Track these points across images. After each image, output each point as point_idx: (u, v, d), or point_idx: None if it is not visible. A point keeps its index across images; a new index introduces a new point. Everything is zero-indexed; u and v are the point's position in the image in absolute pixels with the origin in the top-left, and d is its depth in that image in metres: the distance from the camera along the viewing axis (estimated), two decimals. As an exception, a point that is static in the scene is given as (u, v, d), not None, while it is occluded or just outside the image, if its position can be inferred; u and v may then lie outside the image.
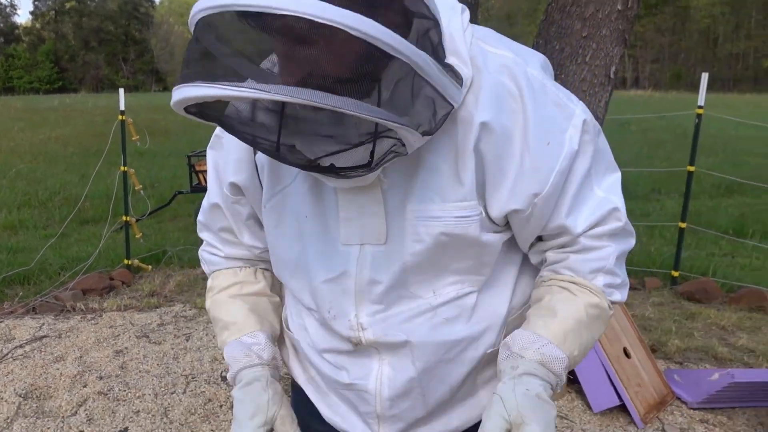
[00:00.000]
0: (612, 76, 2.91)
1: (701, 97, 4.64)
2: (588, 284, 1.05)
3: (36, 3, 79.88)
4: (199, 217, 1.26)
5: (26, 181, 9.91)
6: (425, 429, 1.12)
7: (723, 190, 8.71)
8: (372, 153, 0.83)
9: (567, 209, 1.01)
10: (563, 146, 0.97)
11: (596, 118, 2.93)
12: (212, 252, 1.27)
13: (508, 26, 63.94)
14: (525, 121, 0.95)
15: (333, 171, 0.84)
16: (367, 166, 0.84)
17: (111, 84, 74.40)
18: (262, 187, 1.08)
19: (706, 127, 16.57)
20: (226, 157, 1.13)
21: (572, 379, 3.10)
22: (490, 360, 1.09)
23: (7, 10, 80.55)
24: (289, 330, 1.23)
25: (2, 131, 17.93)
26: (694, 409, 3.05)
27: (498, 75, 0.94)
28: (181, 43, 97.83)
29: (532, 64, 0.99)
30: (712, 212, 7.34)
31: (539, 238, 1.07)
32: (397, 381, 1.06)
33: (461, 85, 0.88)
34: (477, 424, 1.00)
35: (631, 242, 1.10)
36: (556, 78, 2.79)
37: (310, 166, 0.85)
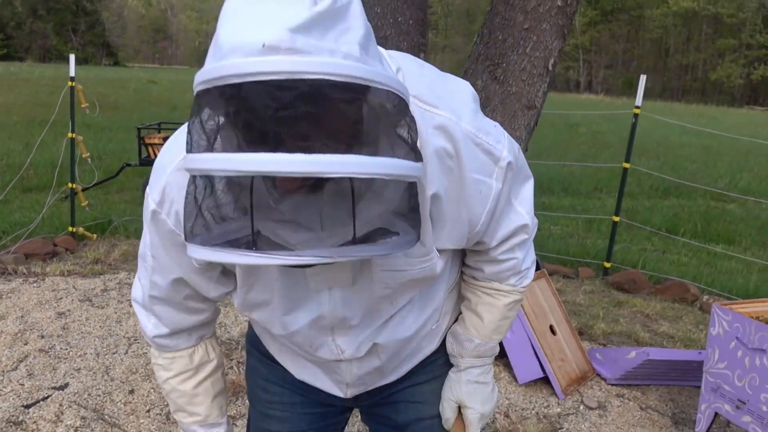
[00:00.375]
0: (550, 68, 3.08)
1: (639, 98, 4.87)
2: (503, 287, 1.24)
3: (-17, -34, 76.71)
4: (151, 293, 1.17)
5: (-33, 147, 9.66)
6: (383, 383, 1.30)
7: (661, 192, 9.08)
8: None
9: (489, 230, 1.14)
10: (491, 189, 1.08)
11: (534, 107, 3.10)
12: (162, 334, 1.23)
13: (468, 23, 64.41)
14: (461, 178, 1.02)
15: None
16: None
17: (59, 54, 72.01)
18: None
19: (651, 133, 17.19)
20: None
21: (500, 353, 3.28)
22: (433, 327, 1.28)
23: (-48, -29, 77.31)
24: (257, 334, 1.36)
25: (-57, 97, 17.37)
26: (613, 384, 3.27)
27: (437, 139, 0.98)
28: (134, 17, 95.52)
29: (465, 115, 1.02)
30: (649, 211, 7.67)
31: None
32: (364, 368, 1.23)
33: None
34: (421, 363, 1.31)
35: (532, 243, 1.26)
36: (497, 68, 2.94)
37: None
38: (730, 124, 24.59)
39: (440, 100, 1.01)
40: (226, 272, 1.14)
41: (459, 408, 1.31)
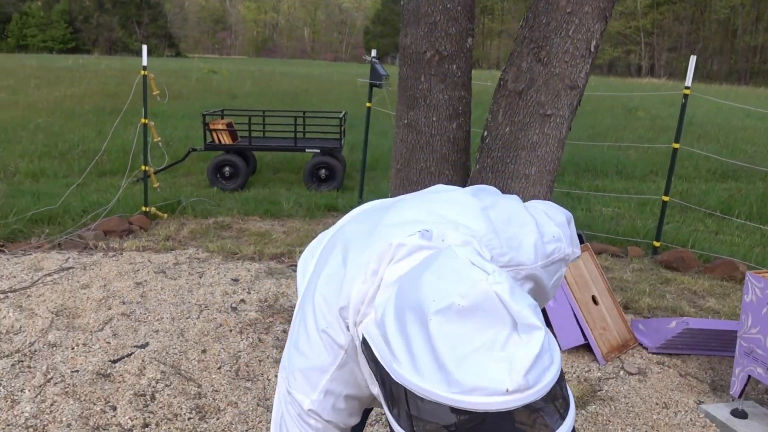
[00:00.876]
0: (592, 50, 3.22)
1: (689, 79, 4.92)
2: None
3: (53, -38, 79.53)
4: (326, 387, 1.22)
5: (45, 134, 10.28)
6: None
7: (718, 175, 8.99)
8: None
9: None
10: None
11: (577, 87, 3.26)
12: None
13: (525, 8, 63.41)
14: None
15: None
16: None
17: (124, 47, 74.35)
18: None
19: (713, 117, 16.78)
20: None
21: (544, 321, 3.46)
22: None
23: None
24: None
25: (19, 88, 18.28)
26: (654, 353, 3.41)
27: (527, 282, 1.39)
28: (195, 9, 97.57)
29: (536, 257, 1.37)
30: (705, 194, 7.64)
31: None
32: None
33: None
34: None
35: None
36: (541, 50, 3.10)
37: None
38: (798, 107, 23.73)
39: (517, 251, 1.31)
40: None
41: None
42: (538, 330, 0.91)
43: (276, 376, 3.13)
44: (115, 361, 3.19)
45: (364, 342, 1.04)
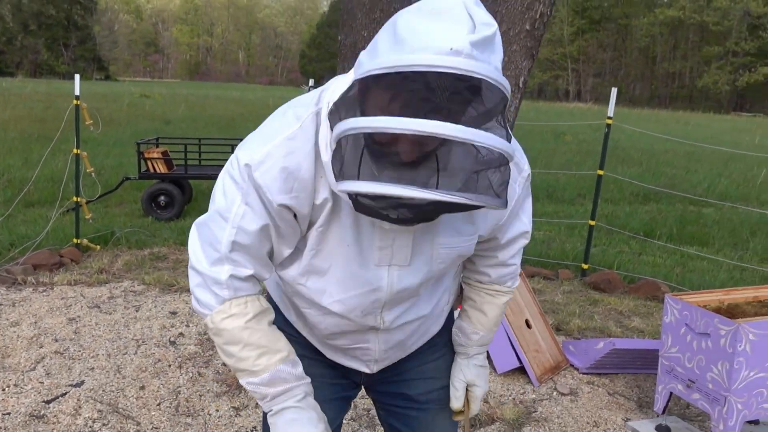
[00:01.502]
0: (521, 85, 3.39)
1: (610, 109, 5.19)
2: (503, 288, 1.57)
3: (-27, -18, 76.86)
4: (237, 239, 1.28)
5: (-33, 164, 9.91)
6: (402, 357, 1.56)
7: (641, 198, 9.42)
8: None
9: (504, 227, 1.46)
10: (514, 192, 1.38)
11: (506, 121, 3.40)
12: (240, 276, 1.32)
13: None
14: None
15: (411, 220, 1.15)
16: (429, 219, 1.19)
17: (50, 69, 72.22)
18: (309, 216, 1.30)
19: (636, 141, 17.49)
20: (282, 186, 1.24)
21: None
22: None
23: (-58, -12, 77.49)
24: (293, 300, 1.48)
25: (-63, 113, 17.58)
26: (584, 373, 3.57)
27: None
28: (125, 31, 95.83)
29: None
30: (628, 216, 8.00)
31: None
32: (390, 342, 1.48)
33: None
34: (426, 343, 1.60)
35: None
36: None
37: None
38: (714, 130, 25.08)
39: None
40: (290, 238, 1.33)
41: (467, 387, 1.62)
42: (492, 25, 1.06)
43: (217, 410, 3.13)
44: (48, 402, 3.12)
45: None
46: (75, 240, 5.67)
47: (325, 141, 1.20)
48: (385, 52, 1.05)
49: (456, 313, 1.66)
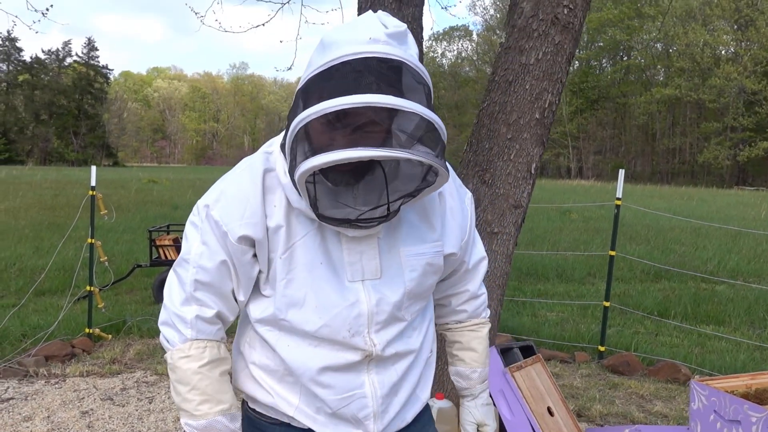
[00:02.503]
0: (533, 171, 3.45)
1: (619, 190, 5.25)
2: (480, 320, 1.71)
3: (-12, 75, 79.44)
4: (198, 278, 1.37)
5: (-21, 253, 9.98)
6: (397, 421, 1.51)
7: (652, 276, 9.38)
8: (388, 209, 1.31)
9: (468, 248, 1.62)
10: (467, 211, 1.57)
11: (520, 206, 3.46)
12: (205, 317, 1.39)
13: (458, 114, 66.40)
14: (451, 193, 1.53)
15: (362, 223, 1.30)
16: (386, 218, 1.32)
17: (60, 157, 73.70)
18: (267, 242, 1.37)
19: (641, 218, 17.55)
20: (235, 214, 1.35)
21: (503, 435, 3.50)
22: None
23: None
24: (283, 359, 1.42)
25: (-50, 202, 17.84)
26: (609, 462, 3.47)
27: None
28: (133, 119, 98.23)
29: None
30: (641, 295, 7.94)
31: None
32: (386, 383, 1.46)
33: None
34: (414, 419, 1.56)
35: None
36: (486, 173, 3.31)
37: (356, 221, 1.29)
38: (719, 205, 25.18)
39: None
40: (253, 275, 1.42)
41: (477, 428, 1.67)
42: (403, 25, 1.26)
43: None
44: (62, 501, 3.04)
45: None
46: (87, 329, 5.65)
47: (284, 169, 1.34)
48: (317, 59, 1.24)
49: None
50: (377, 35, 1.21)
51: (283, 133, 1.37)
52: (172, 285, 1.43)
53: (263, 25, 7.74)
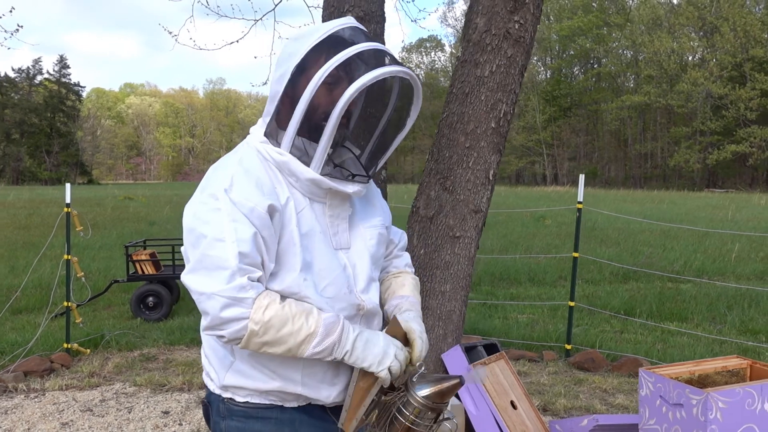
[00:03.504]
0: (491, 178, 3.65)
1: (580, 194, 5.48)
2: (407, 270, 1.94)
3: (-42, 95, 78.43)
4: (241, 250, 1.44)
5: (-47, 272, 9.96)
6: None
7: (620, 277, 9.64)
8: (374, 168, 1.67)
9: (392, 232, 1.92)
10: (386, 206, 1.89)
11: (480, 211, 3.65)
12: (255, 278, 1.48)
13: (434, 125, 66.88)
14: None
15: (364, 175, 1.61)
16: (369, 178, 1.64)
17: (32, 176, 72.81)
18: (282, 215, 1.54)
19: (614, 221, 17.84)
20: (255, 191, 1.48)
21: (468, 428, 3.67)
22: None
23: (-74, 101, 78.97)
24: None
25: None
26: (571, 452, 3.64)
27: None
28: (107, 136, 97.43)
29: None
30: (609, 295, 8.18)
31: None
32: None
33: None
34: None
35: None
36: (447, 180, 3.48)
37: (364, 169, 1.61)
38: (689, 207, 25.66)
39: None
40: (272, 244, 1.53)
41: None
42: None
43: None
44: (45, 506, 3.15)
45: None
46: (65, 345, 5.73)
47: (275, 152, 1.55)
48: (298, 46, 1.52)
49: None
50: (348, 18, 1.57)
51: (263, 126, 1.60)
52: (207, 276, 1.45)
53: (237, 41, 7.91)
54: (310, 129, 1.51)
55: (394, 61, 1.50)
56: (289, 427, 1.63)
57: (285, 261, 1.53)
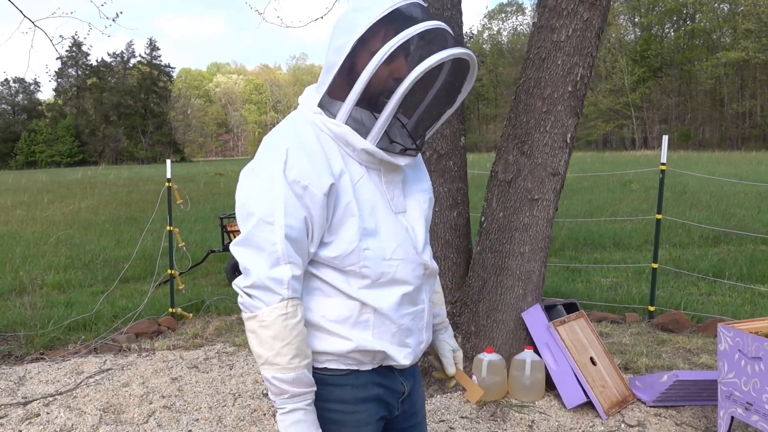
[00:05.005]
0: (568, 141, 3.71)
1: (663, 155, 5.41)
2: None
3: (59, 80, 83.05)
4: (288, 234, 1.47)
5: (66, 247, 10.79)
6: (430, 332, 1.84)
7: (710, 241, 9.39)
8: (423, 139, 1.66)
9: None
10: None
11: (558, 174, 3.73)
12: (297, 275, 1.51)
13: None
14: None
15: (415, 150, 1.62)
16: (418, 150, 1.63)
17: (130, 156, 76.55)
18: (338, 188, 1.55)
19: (706, 185, 17.22)
20: (309, 168, 1.49)
21: (549, 384, 3.81)
22: None
23: (31, 87, 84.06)
24: (360, 300, 1.59)
25: (33, 203, 19.03)
26: (651, 406, 3.73)
27: None
28: (198, 114, 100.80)
29: None
30: (697, 259, 8.02)
31: None
32: (429, 299, 1.79)
33: None
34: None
35: None
36: (524, 144, 3.60)
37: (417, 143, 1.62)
38: (789, 168, 24.36)
39: None
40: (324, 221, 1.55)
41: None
42: None
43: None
44: (163, 448, 3.52)
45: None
46: (170, 309, 6.20)
47: (332, 123, 1.55)
48: (364, 20, 1.49)
49: None
50: None
51: (317, 96, 1.60)
52: (251, 255, 1.50)
53: (322, 17, 8.14)
54: (369, 102, 1.52)
55: (455, 41, 1.50)
56: (362, 390, 1.66)
57: (342, 231, 1.54)
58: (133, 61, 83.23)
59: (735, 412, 3.00)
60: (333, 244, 1.55)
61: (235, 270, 7.63)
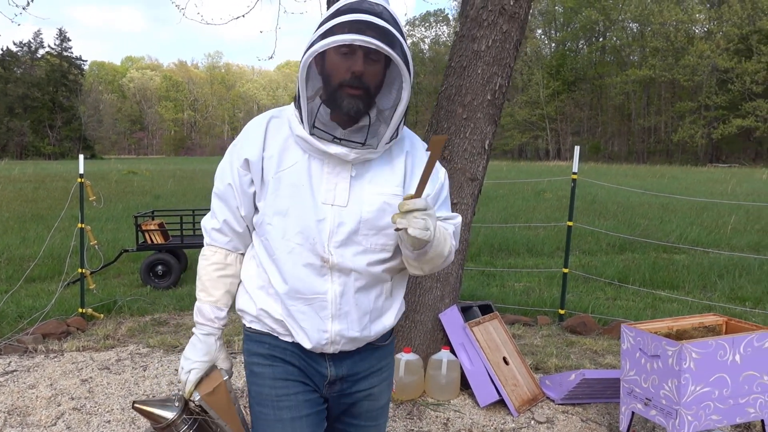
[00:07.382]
0: (487, 147, 3.85)
1: (575, 166, 5.67)
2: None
3: (-40, 70, 78.31)
4: (215, 191, 1.82)
5: (-34, 245, 10.21)
6: (355, 338, 1.82)
7: (617, 248, 9.87)
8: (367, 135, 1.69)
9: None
10: (438, 174, 1.84)
11: (476, 179, 3.85)
12: (218, 229, 1.83)
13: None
14: (416, 153, 1.83)
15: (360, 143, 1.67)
16: (362, 145, 1.66)
17: (36, 151, 72.99)
18: (261, 165, 1.75)
19: (613, 195, 17.98)
20: (246, 143, 1.76)
21: (463, 383, 3.93)
22: (393, 288, 1.88)
23: (-71, 76, 78.98)
24: (266, 271, 1.79)
25: (-69, 198, 17.90)
26: (559, 404, 3.90)
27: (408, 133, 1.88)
28: (110, 110, 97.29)
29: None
30: (604, 265, 8.42)
31: None
32: (347, 293, 1.78)
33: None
34: (385, 335, 1.89)
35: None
36: (445, 149, 3.71)
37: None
38: (690, 182, 25.83)
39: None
40: (252, 195, 1.79)
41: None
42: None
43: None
44: (72, 451, 3.40)
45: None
46: (80, 309, 5.98)
47: (293, 111, 1.72)
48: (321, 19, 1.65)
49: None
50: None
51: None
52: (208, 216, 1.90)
53: (243, 16, 8.08)
54: (326, 97, 1.66)
55: (381, 37, 1.56)
56: (280, 351, 1.82)
57: (260, 204, 1.78)
58: (41, 51, 79.44)
59: (635, 407, 3.18)
60: (260, 210, 1.79)
61: (149, 270, 7.44)
